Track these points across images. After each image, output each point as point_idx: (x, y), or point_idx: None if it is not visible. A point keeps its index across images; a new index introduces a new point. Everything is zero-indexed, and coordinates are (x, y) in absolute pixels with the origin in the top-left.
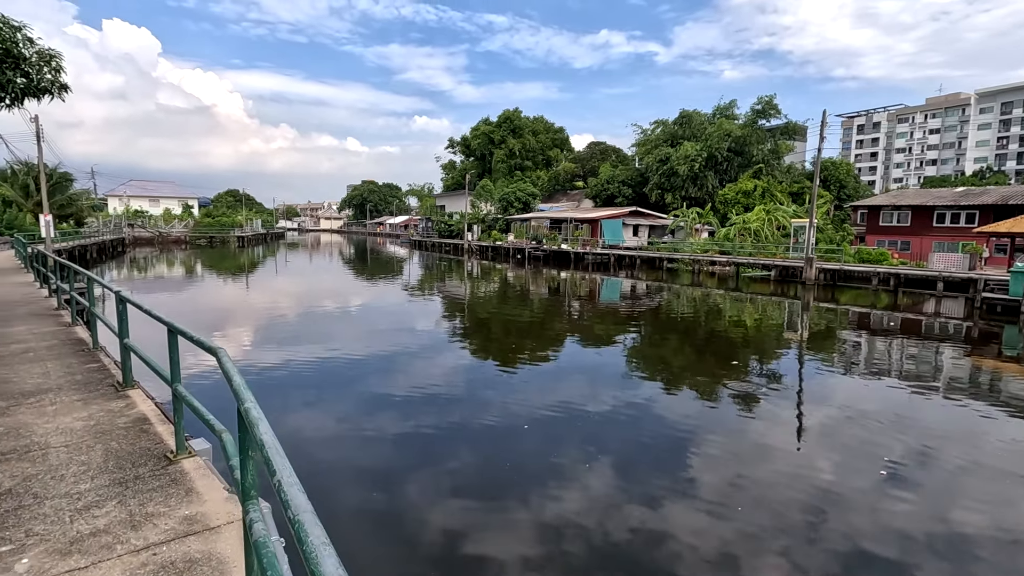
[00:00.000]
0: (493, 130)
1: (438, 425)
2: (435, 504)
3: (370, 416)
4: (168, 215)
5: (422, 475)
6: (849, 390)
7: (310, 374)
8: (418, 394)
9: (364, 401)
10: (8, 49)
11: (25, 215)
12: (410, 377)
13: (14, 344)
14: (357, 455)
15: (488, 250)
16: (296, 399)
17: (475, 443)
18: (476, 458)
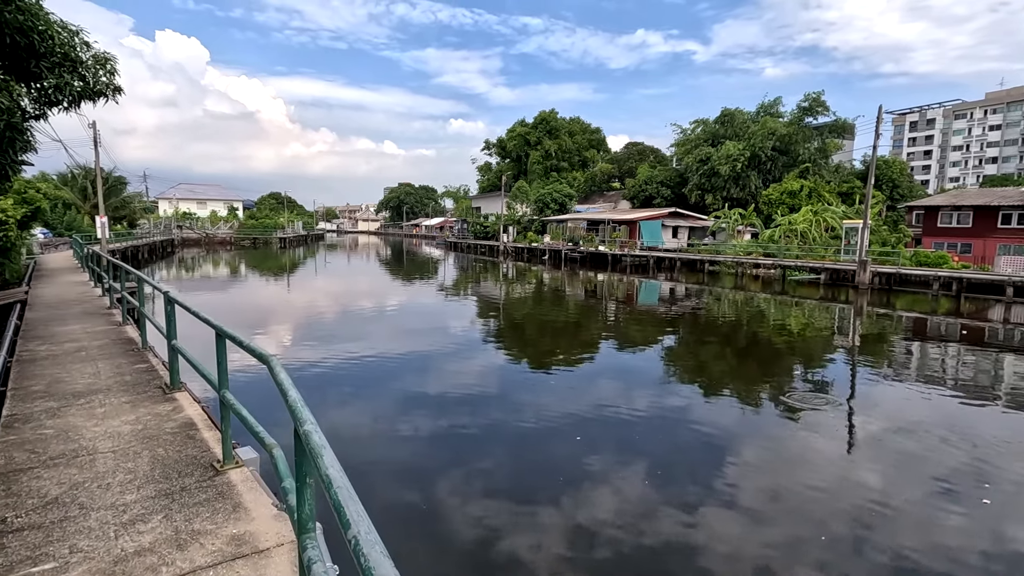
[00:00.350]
0: (529, 131)
1: (471, 425)
2: (466, 503)
3: (404, 414)
4: (214, 217)
5: (454, 474)
6: (905, 400)
7: (346, 372)
8: (452, 394)
9: (398, 399)
10: (66, 53)
11: (83, 217)
12: (444, 377)
13: (68, 343)
14: (390, 452)
15: (524, 252)
16: (332, 396)
17: (508, 444)
18: (508, 459)
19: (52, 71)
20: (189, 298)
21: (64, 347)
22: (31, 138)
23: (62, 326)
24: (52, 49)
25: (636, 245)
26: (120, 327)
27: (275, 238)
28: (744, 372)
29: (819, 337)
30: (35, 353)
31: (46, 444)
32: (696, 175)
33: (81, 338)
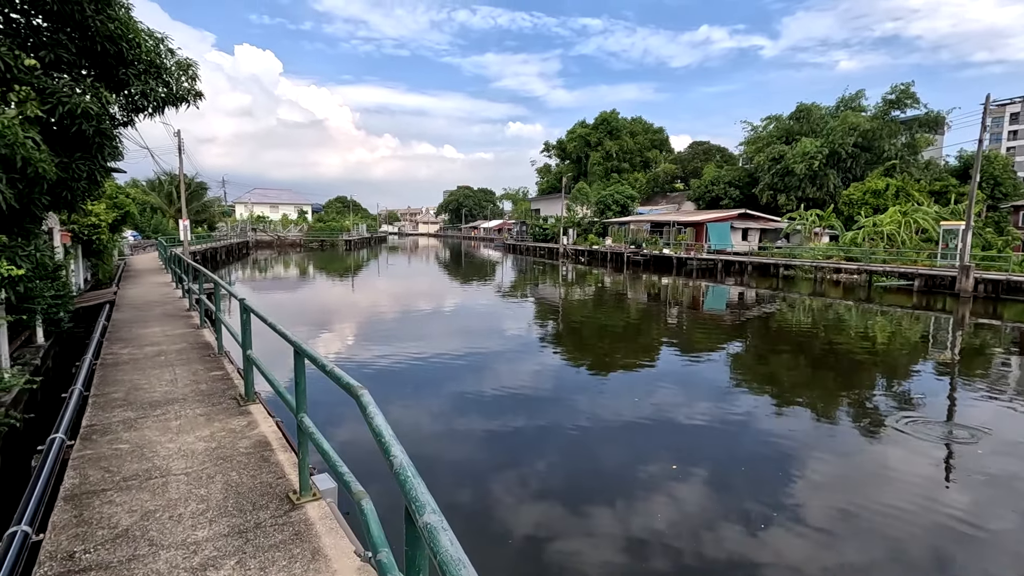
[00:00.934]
0: (589, 132)
1: (526, 426)
2: (519, 505)
3: (460, 413)
4: (285, 220)
5: (507, 475)
6: (1012, 421)
7: (405, 370)
8: (507, 395)
9: (454, 398)
10: (152, 60)
11: (168, 220)
12: (500, 378)
13: (148, 346)
14: (446, 450)
15: (584, 254)
16: (391, 393)
17: (563, 447)
18: (563, 461)
19: (139, 78)
20: (261, 298)
21: (144, 351)
22: (119, 144)
23: (144, 328)
24: (139, 56)
25: (703, 248)
26: (198, 330)
27: (341, 240)
28: (821, 384)
29: (912, 349)
30: (118, 357)
31: (121, 462)
32: (768, 174)
33: (161, 341)
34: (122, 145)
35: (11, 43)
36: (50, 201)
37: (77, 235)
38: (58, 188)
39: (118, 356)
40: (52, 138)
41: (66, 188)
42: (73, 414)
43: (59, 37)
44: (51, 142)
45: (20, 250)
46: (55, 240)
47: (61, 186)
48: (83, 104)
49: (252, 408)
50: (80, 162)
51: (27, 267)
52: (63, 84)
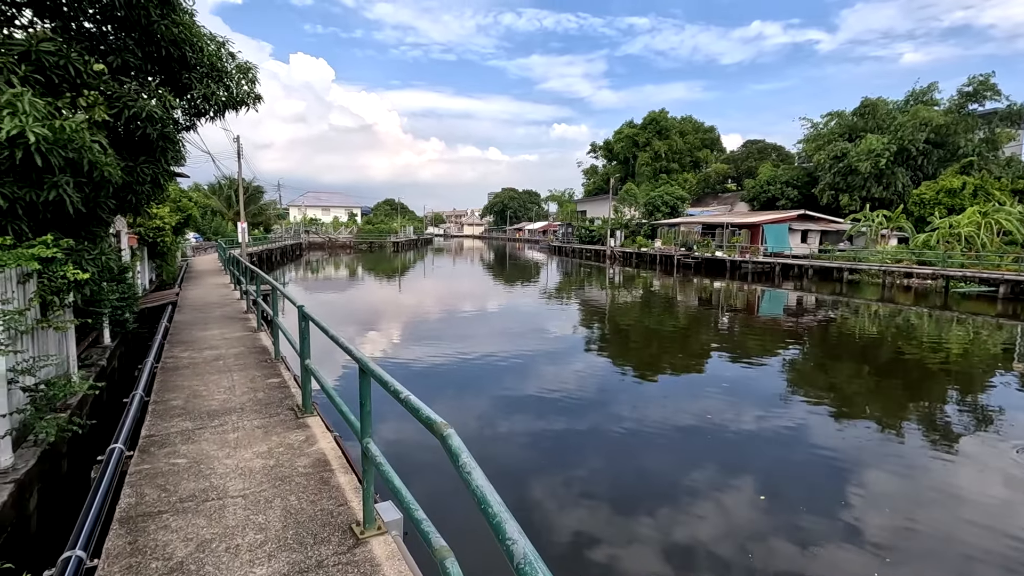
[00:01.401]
0: (637, 132)
1: (568, 429)
2: (561, 509)
3: (502, 414)
4: (336, 223)
5: (550, 477)
6: None
7: (448, 370)
8: (549, 397)
9: (496, 399)
10: (213, 64)
11: (227, 223)
12: (542, 379)
13: (207, 350)
14: (488, 450)
15: (632, 256)
16: (436, 393)
17: (605, 450)
18: (605, 465)
19: (201, 82)
20: (314, 298)
21: (204, 354)
22: (182, 148)
23: (203, 331)
24: (201, 60)
25: (759, 250)
26: (255, 334)
27: (389, 242)
28: (888, 396)
29: (995, 361)
30: (178, 361)
31: (177, 479)
32: (829, 173)
33: (219, 345)
34: (184, 149)
35: (81, 48)
36: (116, 205)
37: (143, 238)
38: (123, 192)
39: (178, 360)
40: (118, 142)
41: (131, 192)
42: (133, 422)
43: (126, 42)
44: (116, 146)
45: (86, 253)
46: (122, 243)
47: (126, 190)
48: (148, 108)
49: (310, 421)
50: (144, 166)
51: (93, 271)
52: (129, 89)
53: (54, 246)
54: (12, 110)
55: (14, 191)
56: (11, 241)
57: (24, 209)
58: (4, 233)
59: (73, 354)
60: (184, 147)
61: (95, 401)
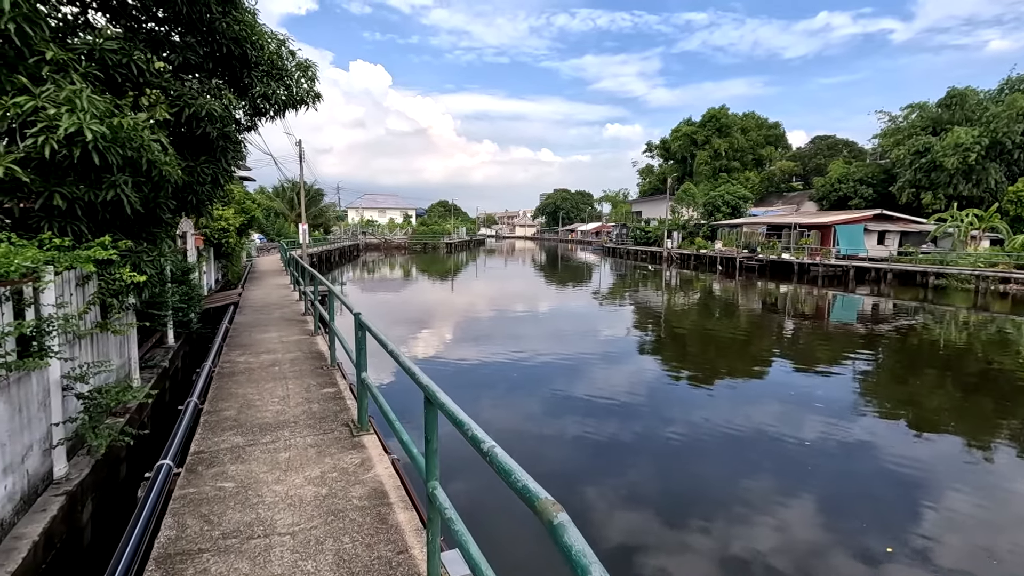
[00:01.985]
0: (696, 130)
1: (619, 433)
2: (610, 514)
3: (552, 416)
4: (392, 224)
5: (598, 481)
6: None
7: (498, 370)
8: (600, 400)
9: (545, 400)
10: (274, 62)
11: (289, 224)
12: (593, 382)
13: (264, 354)
14: (536, 451)
15: (690, 259)
16: (485, 393)
17: (656, 456)
18: (656, 471)
19: (261, 80)
20: (369, 298)
21: (260, 359)
22: (243, 148)
23: (262, 333)
24: (262, 58)
25: (831, 253)
26: (312, 337)
27: (442, 243)
28: (976, 412)
29: None
30: (235, 365)
31: (223, 509)
32: (909, 170)
33: (276, 348)
34: (246, 149)
35: (143, 47)
36: (176, 205)
37: (209, 239)
38: (184, 192)
39: (235, 365)
40: (178, 142)
41: (191, 192)
42: (184, 433)
43: (188, 40)
44: (177, 146)
45: (145, 255)
46: (188, 244)
47: (186, 190)
48: (208, 106)
49: (366, 439)
50: (205, 165)
51: (151, 273)
52: (190, 87)
53: (111, 247)
54: (71, 107)
55: (73, 191)
56: (70, 242)
57: (83, 210)
58: (63, 234)
59: (135, 356)
60: (245, 147)
61: (157, 402)
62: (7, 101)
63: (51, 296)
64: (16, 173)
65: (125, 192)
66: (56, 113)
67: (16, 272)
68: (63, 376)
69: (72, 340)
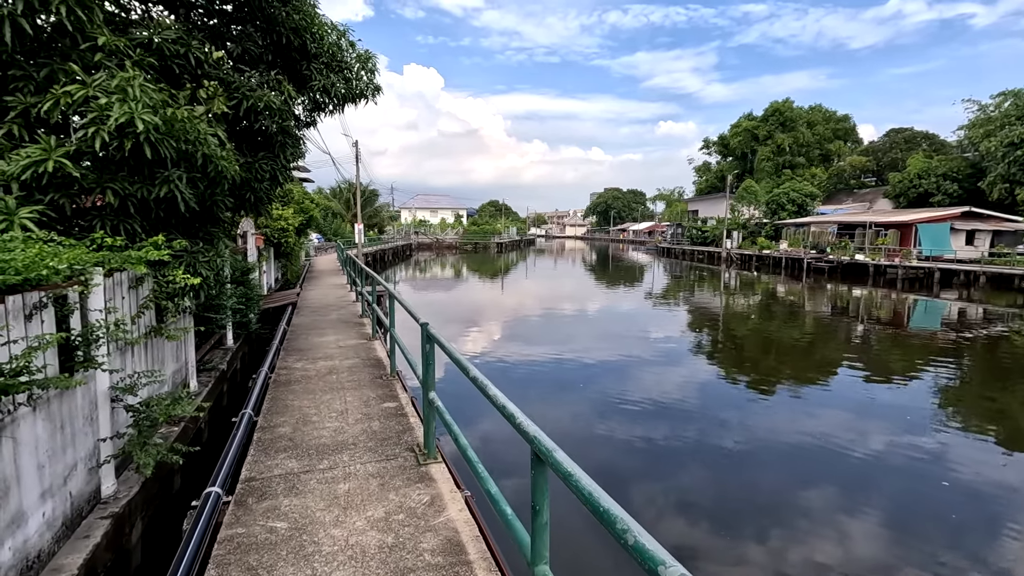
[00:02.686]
0: (757, 125)
1: (669, 437)
2: (659, 519)
3: (600, 416)
4: (443, 224)
5: (647, 485)
6: None
7: (547, 370)
8: (649, 402)
9: (594, 401)
10: (333, 54)
11: (345, 224)
12: (642, 384)
13: (321, 360)
14: (584, 452)
15: (751, 259)
16: (533, 392)
17: (708, 462)
18: (707, 478)
19: (321, 73)
20: (422, 297)
21: (317, 365)
22: (302, 144)
23: (319, 336)
24: (322, 50)
25: (911, 254)
26: (370, 342)
27: (493, 243)
28: None
29: None
30: (291, 372)
31: (274, 559)
32: (1002, 163)
33: (333, 354)
34: (304, 147)
35: (202, 37)
36: (233, 203)
37: (269, 238)
38: (241, 190)
39: (291, 372)
40: (236, 137)
41: (249, 189)
42: (236, 453)
43: (247, 30)
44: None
45: (200, 255)
46: (249, 243)
47: (244, 187)
48: (266, 99)
49: (433, 470)
50: (263, 162)
51: (208, 274)
52: (248, 79)
53: (165, 247)
54: (122, 96)
55: (124, 187)
56: (122, 242)
57: (136, 207)
58: (116, 233)
59: (192, 360)
60: (304, 145)
61: (214, 407)
62: (58, 90)
63: (99, 300)
64: (66, 167)
65: (179, 188)
66: (107, 103)
67: (60, 275)
68: (111, 388)
69: (123, 347)
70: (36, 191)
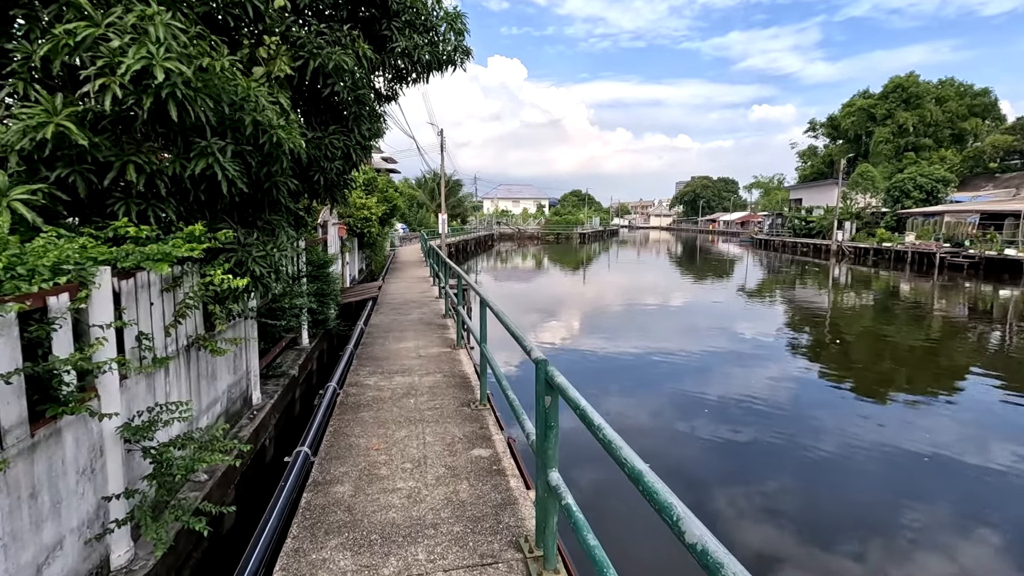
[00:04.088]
0: (875, 103)
1: (757, 439)
2: (743, 526)
3: (681, 414)
4: (525, 214)
5: (732, 489)
6: None
7: (627, 364)
8: (736, 402)
9: (676, 397)
10: (418, 10)
11: (429, 214)
12: (729, 383)
13: (398, 375)
14: (665, 449)
15: (867, 253)
16: (612, 386)
17: (800, 469)
18: (798, 485)
19: (402, 32)
20: (503, 288)
21: (393, 383)
22: (382, 120)
23: (398, 341)
24: (404, 6)
25: None
26: (454, 351)
27: (576, 234)
28: None
29: None
30: (362, 392)
31: None
32: None
33: (413, 367)
34: (385, 124)
35: None
36: (298, 186)
37: (352, 228)
38: (309, 170)
39: (362, 391)
40: (302, 106)
41: (318, 169)
42: (276, 528)
43: None
44: (302, 111)
45: (256, 249)
46: (329, 234)
47: (313, 167)
48: (337, 58)
49: None
50: (334, 137)
51: (264, 271)
52: (314, 33)
53: (207, 238)
54: (137, 36)
55: (151, 160)
56: (152, 232)
57: (168, 188)
58: (144, 221)
59: (255, 368)
60: (384, 121)
61: (283, 419)
62: (59, 29)
63: (106, 311)
64: (71, 133)
65: (221, 163)
66: (120, 46)
67: (33, 280)
68: (121, 428)
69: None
70: (42, 166)
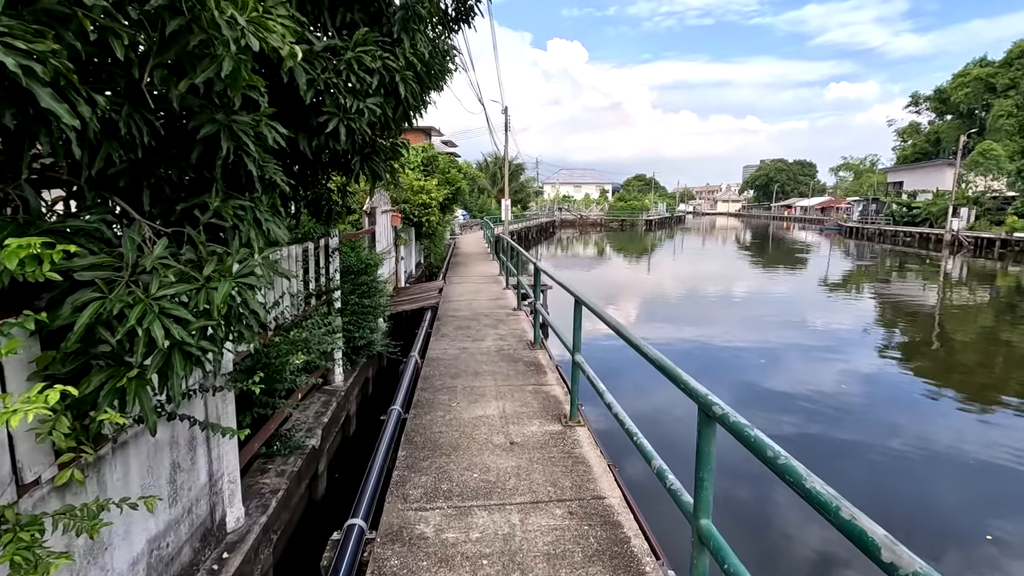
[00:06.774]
0: (995, 72)
1: (829, 437)
2: (806, 530)
3: (744, 407)
4: (587, 199)
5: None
6: None
7: (694, 355)
8: (806, 398)
9: (740, 389)
10: None
11: (490, 200)
12: (802, 378)
13: (478, 507)
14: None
15: (992, 244)
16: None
17: (878, 472)
18: (875, 489)
19: None
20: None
21: (469, 523)
22: (452, 58)
23: (470, 403)
24: None
25: None
26: (566, 430)
27: (641, 220)
28: None
29: None
30: (410, 555)
31: None
32: None
33: (503, 473)
34: (453, 60)
35: None
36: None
37: (407, 216)
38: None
39: (411, 554)
40: None
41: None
42: None
43: None
44: None
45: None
46: (379, 224)
47: (324, 106)
48: None
49: None
50: (365, 50)
51: (192, 328)
52: None
53: None
54: None
55: None
56: None
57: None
58: None
59: (231, 473)
60: (454, 58)
61: (295, 540)
62: None
63: None
64: None
65: None
66: None
67: None
68: None
69: None
70: None
